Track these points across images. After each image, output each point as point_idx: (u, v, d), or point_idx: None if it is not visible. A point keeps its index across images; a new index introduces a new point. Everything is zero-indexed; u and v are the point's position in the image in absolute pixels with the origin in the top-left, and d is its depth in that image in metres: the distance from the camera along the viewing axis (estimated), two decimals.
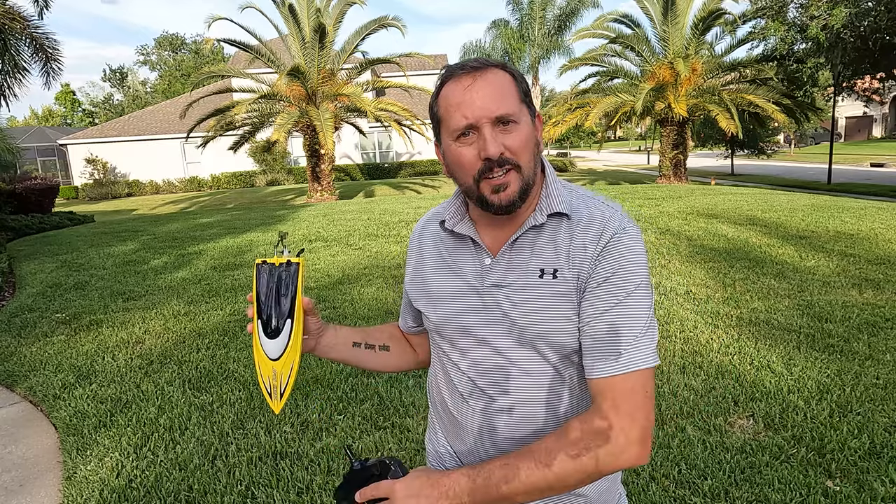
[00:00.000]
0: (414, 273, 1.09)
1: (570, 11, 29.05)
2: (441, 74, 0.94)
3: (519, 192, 0.90)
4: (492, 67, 0.91)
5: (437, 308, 1.02)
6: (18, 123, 54.82)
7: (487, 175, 0.89)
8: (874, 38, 12.45)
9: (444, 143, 0.94)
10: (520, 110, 0.90)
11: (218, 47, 53.67)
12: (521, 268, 0.94)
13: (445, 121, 0.91)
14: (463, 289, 0.99)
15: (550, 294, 0.91)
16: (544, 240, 0.94)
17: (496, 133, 0.87)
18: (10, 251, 8.92)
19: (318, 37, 15.45)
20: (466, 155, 0.90)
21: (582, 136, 57.08)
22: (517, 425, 0.96)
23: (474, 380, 0.99)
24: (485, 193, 0.90)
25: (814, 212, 8.63)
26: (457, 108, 0.89)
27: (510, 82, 0.91)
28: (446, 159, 0.95)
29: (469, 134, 0.89)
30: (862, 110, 38.98)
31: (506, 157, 0.88)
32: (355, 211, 11.93)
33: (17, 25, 10.25)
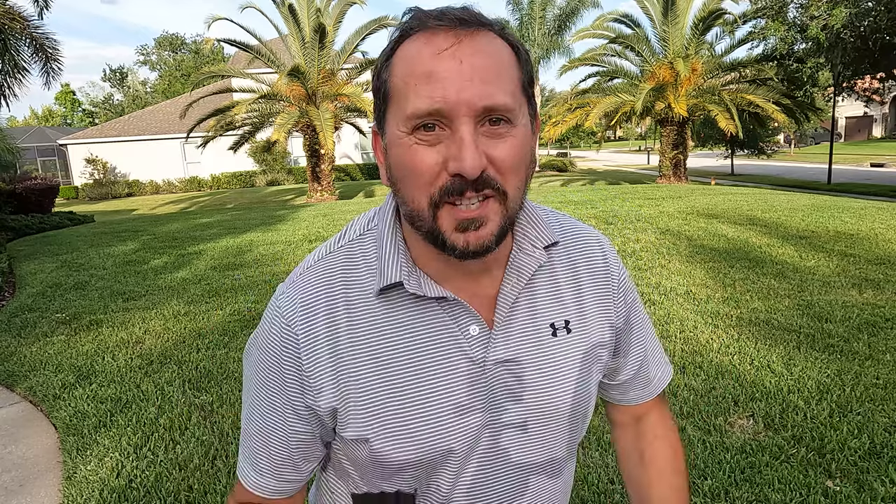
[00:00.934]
0: (334, 388, 0.64)
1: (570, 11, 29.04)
2: (402, 22, 0.60)
3: (497, 234, 0.59)
4: (486, 29, 0.57)
5: (403, 432, 0.64)
6: (18, 123, 54.84)
7: (452, 199, 0.57)
8: (874, 38, 12.45)
9: (390, 132, 0.59)
10: (519, 105, 0.58)
11: (218, 47, 53.68)
12: (527, 329, 0.67)
13: (399, 98, 0.58)
14: (448, 385, 0.64)
15: (567, 354, 0.69)
16: (539, 283, 0.69)
17: (479, 135, 0.56)
18: (10, 251, 8.92)
19: (318, 37, 15.45)
20: (425, 160, 0.56)
21: (582, 136, 57.07)
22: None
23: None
24: (443, 227, 0.58)
25: (814, 212, 8.64)
26: (423, 81, 0.55)
27: (511, 58, 0.59)
28: (390, 159, 0.60)
29: (434, 127, 0.56)
30: (862, 110, 38.98)
31: (489, 177, 0.56)
32: (355, 211, 11.93)
33: (17, 25, 10.25)
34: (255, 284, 5.83)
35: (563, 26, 29.41)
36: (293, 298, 0.65)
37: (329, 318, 0.64)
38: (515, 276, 0.66)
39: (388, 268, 0.63)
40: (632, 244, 6.75)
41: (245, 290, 5.63)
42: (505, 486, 0.70)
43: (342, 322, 0.64)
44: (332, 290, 0.65)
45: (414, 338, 0.64)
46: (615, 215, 8.95)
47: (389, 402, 0.64)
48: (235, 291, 5.60)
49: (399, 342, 0.64)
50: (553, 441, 0.71)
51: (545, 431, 0.70)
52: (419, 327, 0.64)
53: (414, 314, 0.64)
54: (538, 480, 0.72)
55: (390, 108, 0.59)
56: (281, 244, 8.09)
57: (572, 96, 19.14)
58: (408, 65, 0.57)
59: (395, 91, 0.58)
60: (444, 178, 0.56)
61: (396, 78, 0.58)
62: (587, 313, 0.71)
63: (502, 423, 0.68)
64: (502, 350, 0.66)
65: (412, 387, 0.64)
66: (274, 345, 0.66)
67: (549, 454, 0.71)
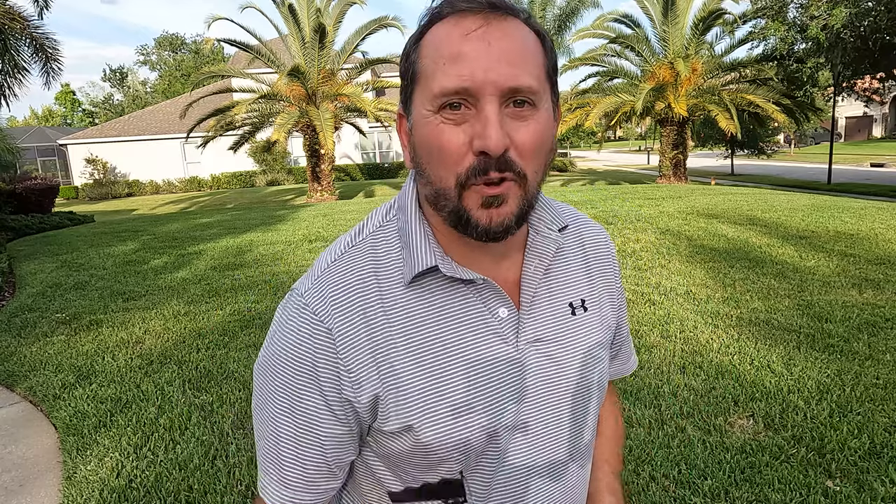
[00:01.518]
0: (376, 379, 0.63)
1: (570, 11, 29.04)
2: (431, 7, 0.61)
3: (517, 214, 0.60)
4: (513, 16, 0.59)
5: (447, 416, 0.64)
6: (18, 123, 54.85)
7: (478, 179, 0.57)
8: (874, 38, 12.45)
9: (416, 113, 0.60)
10: (543, 89, 0.60)
11: (218, 47, 53.69)
12: (551, 309, 0.70)
13: (426, 78, 0.58)
14: (485, 367, 0.65)
15: (586, 331, 0.72)
16: (556, 265, 0.72)
17: (504, 116, 0.57)
18: (10, 251, 8.92)
19: (318, 37, 15.45)
20: (451, 139, 0.57)
21: (582, 136, 57.10)
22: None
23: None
24: (469, 206, 0.59)
25: (814, 212, 8.64)
26: (452, 61, 0.56)
27: (537, 45, 0.60)
28: (415, 138, 0.61)
29: (460, 107, 0.57)
30: (862, 110, 38.99)
31: (510, 159, 0.57)
32: (355, 211, 11.93)
33: (17, 25, 10.25)
34: (255, 284, 5.83)
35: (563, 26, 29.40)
36: (324, 294, 0.64)
37: (364, 309, 0.63)
38: (537, 258, 0.68)
39: (421, 254, 0.63)
40: (632, 244, 6.75)
41: (245, 290, 5.63)
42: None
43: (377, 312, 0.63)
44: (364, 280, 0.64)
45: (448, 322, 0.64)
46: (615, 215, 8.95)
47: (431, 386, 0.63)
48: (235, 291, 5.60)
49: (434, 327, 0.64)
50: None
51: (575, 398, 0.71)
52: (452, 311, 0.65)
53: (445, 299, 0.65)
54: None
55: (417, 88, 0.60)
56: (281, 244, 8.09)
57: (572, 96, 19.14)
58: (437, 46, 0.58)
59: (423, 71, 0.59)
60: (471, 158, 0.57)
61: (425, 59, 0.59)
62: (597, 293, 0.75)
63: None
64: (532, 330, 0.67)
65: (451, 370, 0.64)
66: (304, 346, 0.63)
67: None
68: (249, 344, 4.10)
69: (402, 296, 0.64)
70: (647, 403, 2.94)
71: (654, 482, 2.30)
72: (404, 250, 0.65)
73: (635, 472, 2.37)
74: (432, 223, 0.66)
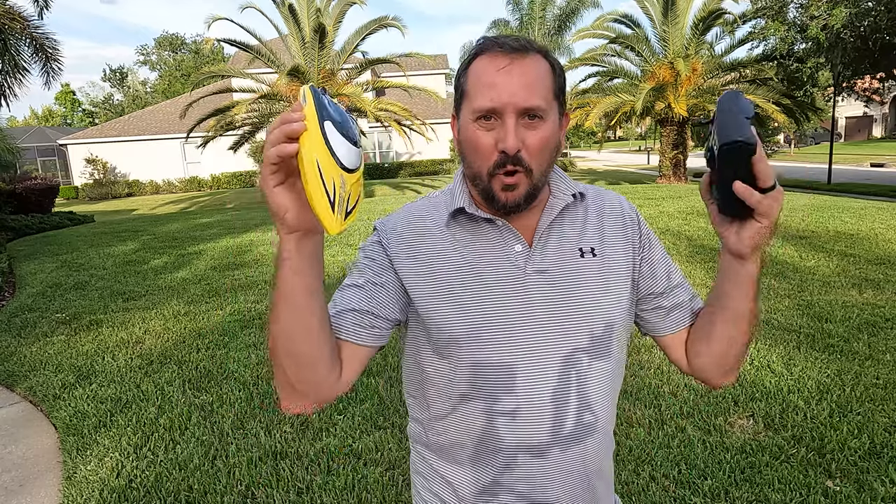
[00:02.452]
0: (412, 272, 0.90)
1: (570, 11, 29.05)
2: (477, 43, 0.88)
3: (525, 196, 0.85)
4: (533, 53, 0.84)
5: (467, 305, 0.87)
6: (18, 123, 54.84)
7: (499, 171, 0.84)
8: (874, 38, 12.44)
9: (462, 118, 0.88)
10: (550, 106, 0.85)
11: (218, 47, 53.67)
12: (559, 251, 0.91)
13: (470, 97, 0.85)
14: (498, 281, 0.88)
15: (597, 272, 0.91)
16: (569, 221, 0.94)
17: (518, 126, 0.82)
18: (10, 251, 8.92)
19: (318, 37, 15.45)
20: (484, 141, 0.84)
21: (582, 136, 57.09)
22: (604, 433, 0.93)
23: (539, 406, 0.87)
24: (495, 188, 0.85)
25: (814, 212, 8.64)
26: (485, 88, 0.82)
27: (548, 73, 0.85)
28: (461, 136, 0.88)
29: (490, 118, 0.83)
30: (862, 110, 38.98)
31: (520, 157, 0.82)
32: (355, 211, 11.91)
33: (17, 25, 10.25)
34: (255, 284, 5.83)
35: (563, 26, 29.41)
36: (390, 221, 0.96)
37: (413, 228, 0.93)
38: (549, 213, 0.92)
39: (457, 199, 0.92)
40: None
41: (245, 289, 5.63)
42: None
43: (415, 231, 0.93)
44: (415, 218, 0.95)
45: (474, 249, 0.91)
46: None
47: (453, 282, 0.89)
48: (235, 291, 5.60)
49: (463, 252, 0.90)
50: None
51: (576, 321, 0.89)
52: (478, 243, 0.91)
53: (474, 233, 0.92)
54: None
55: (464, 102, 0.87)
56: None
57: (572, 96, 19.12)
58: (477, 75, 0.85)
59: (468, 91, 0.86)
60: (496, 155, 0.83)
61: (469, 83, 0.86)
62: (609, 245, 0.94)
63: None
64: (539, 262, 0.90)
65: (471, 279, 0.89)
66: (373, 238, 0.95)
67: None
68: (249, 344, 4.10)
69: (445, 231, 0.92)
70: (647, 403, 2.94)
71: (654, 482, 2.30)
72: (448, 199, 0.94)
73: (635, 472, 2.37)
74: (470, 189, 0.92)
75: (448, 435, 0.92)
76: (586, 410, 0.89)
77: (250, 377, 3.51)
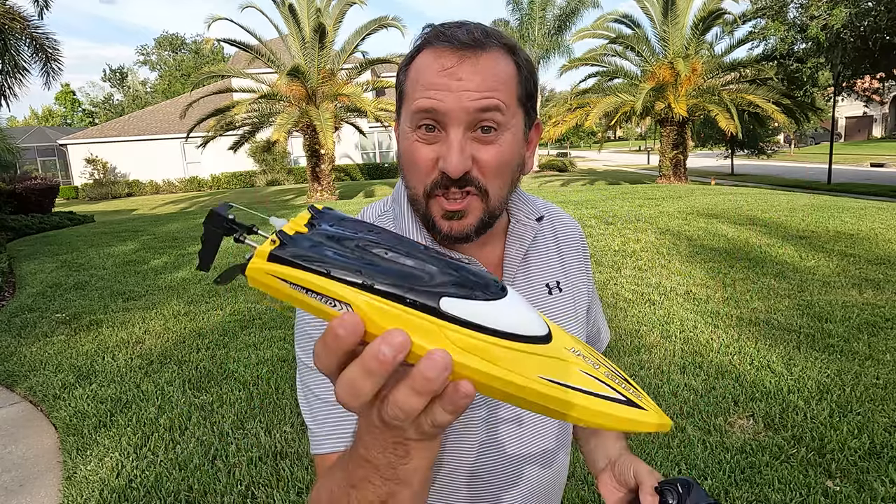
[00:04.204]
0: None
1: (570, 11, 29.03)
2: (423, 33, 0.69)
3: (476, 225, 0.68)
4: (492, 48, 0.65)
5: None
6: (18, 123, 54.85)
7: (440, 193, 0.66)
8: (874, 38, 12.44)
9: (401, 126, 0.70)
10: (512, 115, 0.66)
11: (218, 47, 53.68)
12: (529, 288, 0.78)
13: (408, 98, 0.68)
14: None
15: (564, 310, 0.80)
16: (534, 251, 0.80)
17: (467, 140, 0.64)
18: (10, 251, 8.92)
19: (318, 37, 15.44)
20: (422, 155, 0.66)
21: (582, 136, 57.07)
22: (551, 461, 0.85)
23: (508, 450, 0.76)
24: (433, 213, 0.68)
25: (814, 212, 8.64)
26: (425, 90, 0.64)
27: (511, 75, 0.66)
28: (399, 147, 0.72)
29: (434, 129, 0.65)
30: (862, 110, 38.98)
31: (471, 177, 0.65)
32: (355, 211, 11.82)
33: (17, 25, 10.25)
34: None
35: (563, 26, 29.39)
36: None
37: None
38: (518, 243, 0.77)
39: (414, 237, 0.72)
40: (632, 244, 6.75)
41: (245, 289, 5.63)
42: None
43: None
44: None
45: None
46: (615, 215, 8.95)
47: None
48: (235, 291, 5.60)
49: None
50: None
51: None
52: None
53: None
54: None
55: (403, 105, 0.70)
56: None
57: (572, 96, 19.12)
58: (418, 73, 0.66)
59: (406, 92, 0.68)
60: (437, 173, 0.66)
61: (409, 81, 0.68)
62: (571, 275, 0.83)
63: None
64: None
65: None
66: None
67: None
68: (249, 344, 4.10)
69: None
70: None
71: None
72: (392, 224, 0.76)
73: None
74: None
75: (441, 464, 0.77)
76: (548, 468, 0.81)
77: (250, 377, 3.51)
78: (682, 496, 0.65)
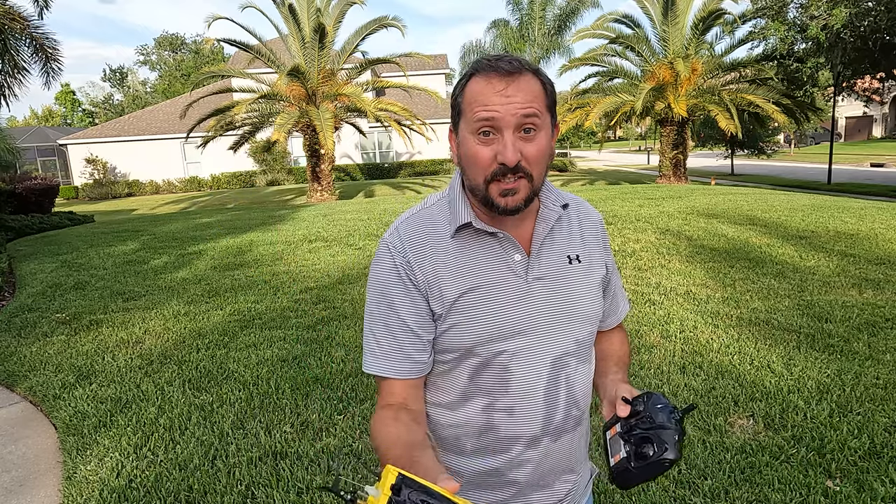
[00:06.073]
0: (430, 289, 0.97)
1: (570, 11, 29.05)
2: (473, 63, 0.94)
3: (525, 200, 0.93)
4: (526, 72, 0.91)
5: (479, 316, 0.96)
6: (18, 123, 54.84)
7: (499, 179, 0.91)
8: (874, 38, 12.44)
9: (461, 135, 0.95)
10: (544, 119, 0.92)
11: (218, 47, 53.68)
12: (553, 258, 1.02)
13: (468, 115, 0.92)
14: (503, 290, 0.97)
15: (582, 277, 1.03)
16: (557, 230, 1.04)
17: (516, 139, 0.89)
18: (10, 251, 8.92)
19: (318, 37, 15.44)
20: (483, 154, 0.91)
21: (582, 136, 57.08)
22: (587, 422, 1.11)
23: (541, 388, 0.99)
24: (492, 195, 0.92)
25: (814, 212, 8.63)
26: (483, 107, 0.89)
27: (541, 90, 0.92)
28: (461, 151, 0.95)
29: (489, 134, 0.90)
30: (862, 110, 38.96)
31: (521, 166, 0.90)
32: (355, 211, 11.92)
33: (17, 25, 10.25)
34: (254, 284, 5.83)
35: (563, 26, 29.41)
36: (400, 237, 1.00)
37: (424, 239, 0.99)
38: (544, 223, 1.02)
39: (461, 214, 0.98)
40: (632, 244, 6.75)
41: (245, 289, 5.63)
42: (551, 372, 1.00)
43: (433, 244, 0.99)
44: (423, 231, 1.00)
45: (479, 261, 0.98)
46: (615, 215, 8.95)
47: (464, 294, 0.96)
48: (235, 291, 5.60)
49: (470, 262, 0.98)
50: (576, 330, 1.03)
51: (571, 320, 1.02)
52: (482, 254, 0.98)
53: (478, 246, 0.99)
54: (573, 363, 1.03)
55: (462, 119, 0.94)
56: (281, 244, 8.09)
57: (572, 96, 19.13)
58: (474, 94, 0.91)
59: (465, 110, 0.92)
60: (494, 165, 0.90)
61: (466, 102, 0.92)
62: (589, 251, 1.07)
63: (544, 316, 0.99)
64: (537, 270, 0.99)
65: (482, 290, 0.96)
66: (389, 262, 0.99)
67: (575, 339, 1.02)
68: (249, 344, 4.11)
69: (451, 244, 0.99)
70: None
71: (654, 482, 2.30)
72: (451, 213, 1.00)
73: None
74: (470, 200, 0.99)
75: (452, 429, 1.02)
76: (573, 406, 1.03)
77: (250, 377, 3.51)
78: (646, 401, 0.90)
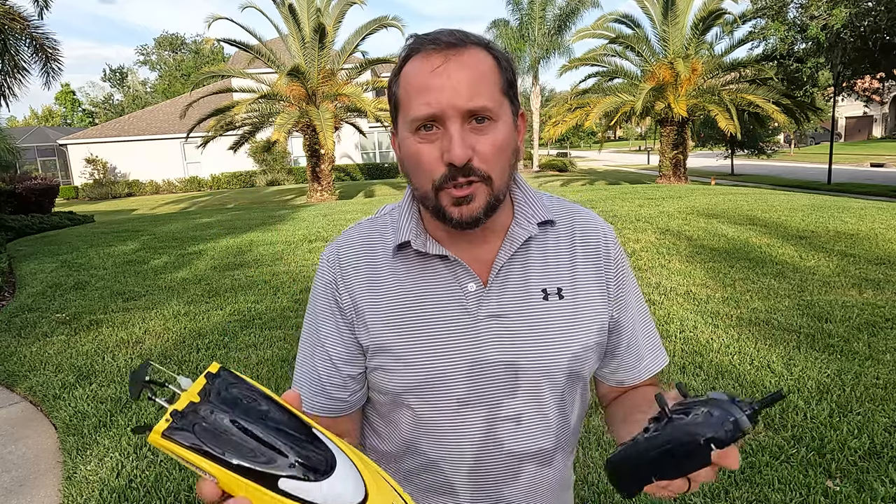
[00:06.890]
0: (357, 316, 0.80)
1: (570, 11, 29.03)
2: (406, 45, 0.74)
3: (485, 208, 0.72)
4: (471, 46, 0.72)
5: (409, 359, 0.77)
6: (18, 123, 54.85)
7: (448, 185, 0.71)
8: (874, 38, 12.45)
9: (400, 134, 0.75)
10: (500, 105, 0.72)
11: (218, 47, 53.66)
12: (518, 291, 0.78)
13: (404, 107, 0.73)
14: (445, 327, 0.77)
15: (561, 318, 0.79)
16: (535, 254, 0.80)
17: (466, 131, 0.70)
18: (10, 251, 8.92)
19: (318, 37, 15.44)
20: (426, 154, 0.71)
21: (582, 136, 57.06)
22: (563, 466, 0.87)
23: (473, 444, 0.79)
24: (443, 204, 0.72)
25: (814, 212, 8.63)
26: (419, 94, 0.70)
27: (492, 67, 0.72)
28: (402, 153, 0.76)
29: (432, 128, 0.70)
30: (862, 110, 38.97)
31: (473, 167, 0.70)
32: (355, 211, 11.92)
33: (17, 25, 10.25)
34: (255, 284, 5.83)
35: (563, 26, 29.40)
36: (338, 249, 0.84)
37: (361, 256, 0.82)
38: (509, 244, 0.79)
39: (402, 231, 0.80)
40: (632, 244, 6.75)
41: (245, 289, 5.63)
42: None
43: (369, 264, 0.81)
44: (362, 245, 0.83)
45: (421, 288, 0.79)
46: (615, 215, 8.95)
47: (394, 331, 0.78)
48: (235, 291, 5.60)
49: (410, 290, 0.79)
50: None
51: (532, 372, 0.78)
52: (426, 281, 0.79)
53: (422, 270, 0.79)
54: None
55: (399, 114, 0.75)
56: (281, 244, 8.09)
57: (572, 96, 19.12)
58: (408, 80, 0.72)
59: (401, 101, 0.74)
60: (442, 168, 0.71)
61: (402, 90, 0.73)
62: (584, 284, 0.82)
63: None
64: (494, 305, 0.77)
65: (417, 326, 0.78)
66: (322, 278, 0.83)
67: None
68: (249, 344, 4.10)
69: (392, 261, 0.81)
70: None
71: None
72: (394, 229, 0.82)
73: None
74: (424, 215, 0.80)
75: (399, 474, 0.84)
76: (547, 466, 0.83)
77: (250, 377, 3.51)
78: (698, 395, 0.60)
